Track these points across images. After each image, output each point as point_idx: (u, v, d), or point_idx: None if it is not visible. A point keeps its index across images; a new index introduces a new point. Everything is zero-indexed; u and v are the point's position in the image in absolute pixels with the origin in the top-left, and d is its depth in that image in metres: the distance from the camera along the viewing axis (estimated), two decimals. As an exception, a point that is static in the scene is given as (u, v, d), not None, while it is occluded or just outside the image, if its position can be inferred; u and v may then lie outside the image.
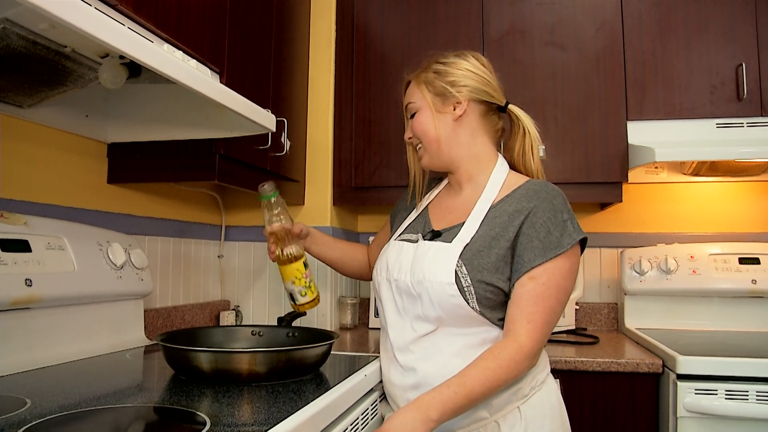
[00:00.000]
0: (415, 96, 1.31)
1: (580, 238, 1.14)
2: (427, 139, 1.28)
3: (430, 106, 1.27)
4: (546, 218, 1.14)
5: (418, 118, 1.29)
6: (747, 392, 1.45)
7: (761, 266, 1.98)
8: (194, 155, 1.49)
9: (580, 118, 1.97)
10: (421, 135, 1.29)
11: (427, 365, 1.15)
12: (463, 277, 1.12)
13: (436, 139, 1.27)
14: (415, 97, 1.30)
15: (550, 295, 1.11)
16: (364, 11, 2.13)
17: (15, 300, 1.12)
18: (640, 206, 2.28)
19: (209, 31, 1.39)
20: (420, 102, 1.29)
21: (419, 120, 1.29)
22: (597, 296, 2.28)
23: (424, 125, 1.28)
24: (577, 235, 1.14)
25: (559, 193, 1.19)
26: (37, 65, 1.08)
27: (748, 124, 1.88)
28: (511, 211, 1.17)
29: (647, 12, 1.97)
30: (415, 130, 1.30)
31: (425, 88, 1.28)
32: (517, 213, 1.16)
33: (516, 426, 1.11)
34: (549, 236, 1.13)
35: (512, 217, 1.16)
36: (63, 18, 0.77)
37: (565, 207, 1.17)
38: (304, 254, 1.45)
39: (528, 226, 1.14)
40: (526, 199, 1.18)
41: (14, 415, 0.83)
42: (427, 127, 1.28)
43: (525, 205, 1.17)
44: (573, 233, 1.14)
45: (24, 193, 1.31)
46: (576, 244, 1.14)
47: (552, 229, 1.13)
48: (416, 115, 1.30)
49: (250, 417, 0.87)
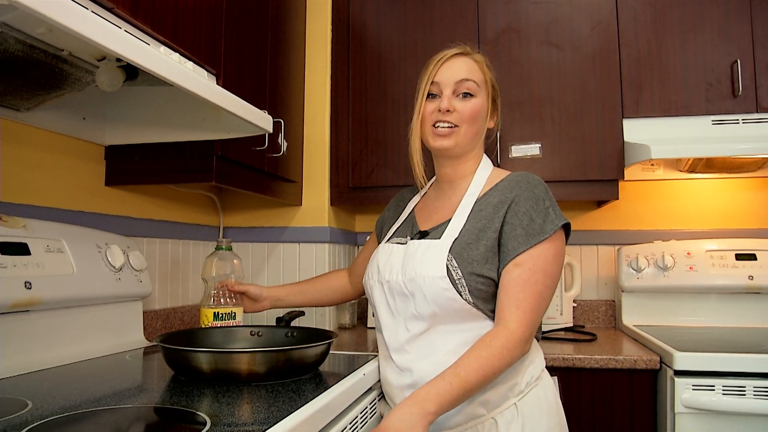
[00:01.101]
0: (478, 77, 1.26)
1: (563, 223, 1.15)
2: (473, 128, 1.26)
3: (488, 99, 1.28)
4: (528, 206, 1.15)
5: (476, 102, 1.25)
6: (744, 387, 1.46)
7: (758, 262, 1.99)
8: (192, 157, 1.50)
9: (576, 117, 1.98)
10: (469, 120, 1.24)
11: (422, 364, 1.16)
12: (454, 270, 1.13)
13: (477, 131, 1.27)
14: (478, 79, 1.26)
15: (537, 280, 1.11)
16: (360, 11, 2.14)
17: (15, 303, 1.13)
18: (636, 203, 2.29)
19: (205, 33, 1.39)
20: (482, 88, 1.27)
21: (477, 105, 1.25)
22: (594, 293, 2.29)
23: (479, 114, 1.26)
24: (558, 221, 1.15)
25: (540, 182, 1.20)
26: (34, 69, 1.09)
27: (743, 120, 1.89)
28: (495, 202, 1.19)
29: (642, 10, 1.98)
30: (467, 112, 1.24)
31: (489, 78, 1.29)
32: (501, 204, 1.18)
33: (513, 422, 1.12)
34: (532, 223, 1.14)
35: (496, 209, 1.18)
36: (60, 22, 0.77)
37: (546, 195, 1.18)
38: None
39: (511, 215, 1.15)
40: (509, 189, 1.19)
41: (16, 417, 0.83)
42: (479, 117, 1.26)
43: (508, 196, 1.18)
44: (555, 219, 1.15)
45: (22, 197, 1.31)
46: (559, 229, 1.15)
47: (534, 216, 1.14)
48: (474, 98, 1.25)
49: (249, 416, 0.88)
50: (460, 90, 1.24)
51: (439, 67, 1.26)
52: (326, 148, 2.10)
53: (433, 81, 1.25)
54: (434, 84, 1.25)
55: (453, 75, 1.24)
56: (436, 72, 1.26)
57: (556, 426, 1.17)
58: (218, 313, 1.52)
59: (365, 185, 2.09)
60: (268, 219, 2.11)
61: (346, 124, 2.12)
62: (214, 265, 1.60)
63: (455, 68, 1.25)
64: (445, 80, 1.25)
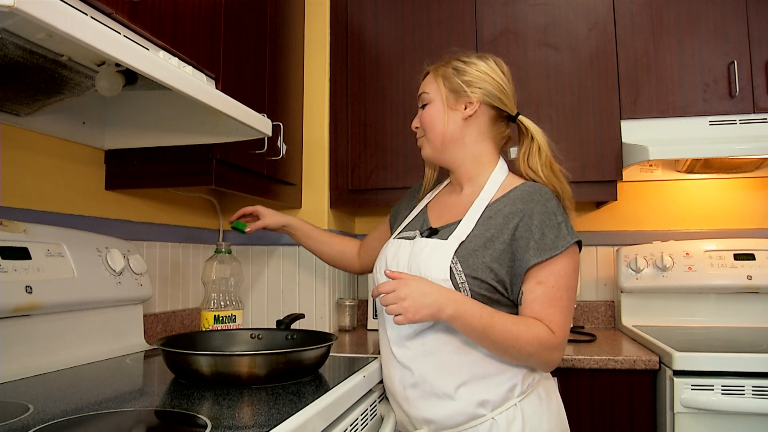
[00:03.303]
0: (430, 87, 1.32)
1: (575, 240, 1.17)
2: (432, 132, 1.30)
3: (443, 100, 1.29)
4: (540, 220, 1.16)
5: (429, 109, 1.31)
6: (743, 387, 1.46)
7: (756, 262, 2.00)
8: (191, 161, 1.50)
9: (574, 118, 1.98)
10: (428, 127, 1.31)
11: (423, 363, 1.17)
12: (458, 274, 1.13)
13: (441, 134, 1.29)
14: (430, 89, 1.32)
15: (562, 296, 1.15)
16: (358, 14, 2.14)
17: (16, 307, 1.13)
18: (635, 204, 2.30)
19: (204, 37, 1.40)
20: (434, 94, 1.31)
21: (429, 112, 1.31)
22: (594, 294, 2.30)
23: (433, 118, 1.30)
24: (571, 238, 1.16)
25: (553, 196, 1.21)
26: (34, 74, 1.09)
27: (740, 121, 1.90)
28: (507, 212, 1.19)
29: (639, 12, 1.99)
30: (424, 121, 1.32)
31: (442, 82, 1.30)
32: (512, 215, 1.18)
33: (514, 423, 1.12)
34: (543, 238, 1.15)
35: (507, 219, 1.18)
36: (60, 28, 0.78)
37: (558, 210, 1.19)
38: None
39: (524, 229, 1.16)
40: (521, 201, 1.20)
41: (17, 421, 0.83)
42: (435, 121, 1.30)
43: (519, 208, 1.18)
44: (567, 236, 1.16)
45: (23, 201, 1.32)
46: (573, 245, 1.16)
47: (546, 231, 1.15)
48: (428, 106, 1.32)
49: (250, 419, 0.88)
50: (422, 103, 1.34)
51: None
52: (325, 151, 2.11)
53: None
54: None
55: (419, 92, 1.36)
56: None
57: (558, 427, 1.18)
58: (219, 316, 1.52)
59: (364, 187, 2.10)
60: (268, 222, 2.11)
61: (345, 126, 2.12)
62: (213, 269, 1.61)
63: (421, 85, 1.36)
64: (418, 97, 1.37)
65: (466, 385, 1.14)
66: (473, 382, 1.14)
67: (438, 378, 1.15)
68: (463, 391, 1.14)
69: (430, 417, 1.16)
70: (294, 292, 2.06)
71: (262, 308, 2.09)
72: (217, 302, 1.55)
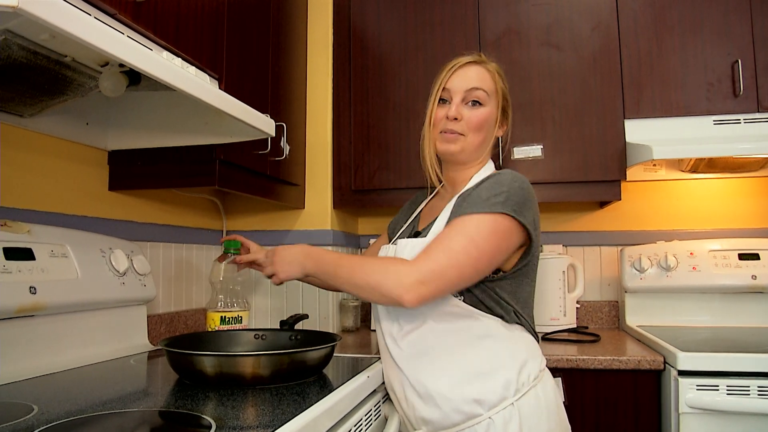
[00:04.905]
0: (488, 86, 1.27)
1: (505, 211, 1.11)
2: (477, 135, 1.27)
3: (497, 112, 1.29)
4: (488, 186, 1.16)
5: (484, 113, 1.26)
6: (748, 387, 1.46)
7: (761, 262, 1.99)
8: (194, 161, 1.50)
9: (577, 118, 1.98)
10: (476, 128, 1.26)
11: (416, 364, 1.18)
12: None
13: (483, 140, 1.28)
14: (488, 88, 1.27)
15: (453, 238, 1.09)
16: (361, 15, 2.14)
17: (20, 308, 1.13)
18: (639, 204, 2.29)
19: (207, 37, 1.40)
20: (492, 98, 1.28)
21: (484, 117, 1.26)
22: (598, 294, 2.29)
23: (485, 123, 1.27)
24: (504, 208, 1.11)
25: (516, 178, 1.18)
26: (37, 75, 1.09)
27: (744, 120, 1.89)
28: (469, 193, 1.21)
29: (642, 11, 1.98)
30: (474, 120, 1.25)
31: (500, 93, 1.29)
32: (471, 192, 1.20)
33: (511, 422, 1.11)
34: (478, 198, 1.14)
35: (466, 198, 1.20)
36: (63, 28, 0.78)
37: (510, 185, 1.15)
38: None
39: (471, 195, 1.17)
40: (485, 180, 1.21)
41: (22, 421, 0.83)
42: (485, 126, 1.27)
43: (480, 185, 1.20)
44: (503, 204, 1.12)
45: (26, 202, 1.32)
46: (505, 215, 1.11)
47: (484, 193, 1.15)
48: (483, 109, 1.26)
49: (254, 419, 0.88)
50: (470, 98, 1.26)
51: (452, 74, 1.28)
52: (328, 151, 2.11)
53: (445, 87, 1.28)
54: (445, 90, 1.28)
55: (464, 83, 1.26)
56: (448, 78, 1.28)
57: (557, 427, 1.17)
58: (225, 317, 1.52)
59: (367, 188, 2.10)
60: (271, 222, 2.12)
61: (348, 127, 2.12)
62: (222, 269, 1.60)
63: (467, 76, 1.27)
64: (455, 87, 1.26)
65: (460, 385, 1.14)
66: (467, 382, 1.14)
67: (432, 378, 1.16)
68: (457, 391, 1.14)
69: (427, 417, 1.17)
70: (297, 293, 2.06)
71: (265, 309, 2.09)
72: (224, 303, 1.55)
